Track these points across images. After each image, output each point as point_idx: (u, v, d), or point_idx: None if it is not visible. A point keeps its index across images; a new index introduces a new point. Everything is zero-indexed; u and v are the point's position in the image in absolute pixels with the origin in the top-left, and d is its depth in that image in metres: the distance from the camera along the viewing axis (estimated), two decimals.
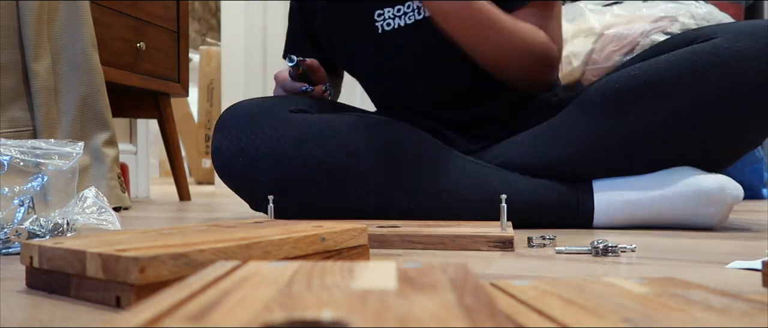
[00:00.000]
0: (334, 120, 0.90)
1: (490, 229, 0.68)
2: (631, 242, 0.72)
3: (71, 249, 0.40)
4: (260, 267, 0.30)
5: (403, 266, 0.30)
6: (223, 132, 0.88)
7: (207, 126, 3.63)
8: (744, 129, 0.84)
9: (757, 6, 2.28)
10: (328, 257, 0.51)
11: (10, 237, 0.63)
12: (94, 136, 1.37)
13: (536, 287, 0.31)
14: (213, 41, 4.41)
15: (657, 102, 0.83)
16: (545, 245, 0.67)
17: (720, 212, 0.83)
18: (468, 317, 0.20)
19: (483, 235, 0.64)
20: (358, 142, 0.88)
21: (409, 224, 0.75)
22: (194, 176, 3.74)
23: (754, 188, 1.83)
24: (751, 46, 0.80)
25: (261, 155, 0.86)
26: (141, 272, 0.35)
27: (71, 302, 0.39)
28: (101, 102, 1.37)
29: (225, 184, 0.93)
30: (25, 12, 1.24)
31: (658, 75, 0.83)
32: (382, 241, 0.66)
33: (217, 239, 0.44)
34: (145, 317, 0.20)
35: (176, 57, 1.85)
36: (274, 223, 0.61)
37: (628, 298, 0.28)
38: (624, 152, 0.86)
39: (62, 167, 0.68)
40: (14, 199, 0.65)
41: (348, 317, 0.19)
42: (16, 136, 1.23)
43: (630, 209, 0.86)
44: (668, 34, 1.64)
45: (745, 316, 0.25)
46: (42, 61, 1.26)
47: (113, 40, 1.59)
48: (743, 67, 0.79)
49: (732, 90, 0.80)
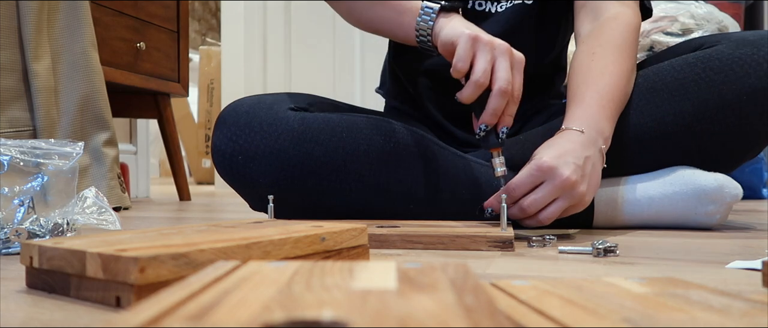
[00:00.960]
0: (334, 119, 0.90)
1: (490, 229, 0.68)
2: (631, 242, 0.72)
3: (71, 249, 0.40)
4: (260, 267, 0.30)
5: (403, 266, 0.30)
6: (222, 130, 0.88)
7: (207, 126, 3.63)
8: (744, 135, 0.84)
9: (757, 6, 2.28)
10: (328, 257, 0.51)
11: (10, 237, 0.63)
12: (94, 136, 1.37)
13: (536, 287, 0.31)
14: (213, 41, 4.41)
15: (659, 106, 0.84)
16: (546, 245, 0.67)
17: (719, 211, 0.83)
18: (468, 317, 0.20)
19: (483, 235, 0.64)
20: (357, 141, 0.88)
21: (409, 224, 0.75)
22: (194, 176, 3.74)
23: (754, 187, 1.83)
24: (752, 54, 0.82)
25: (260, 154, 0.86)
26: (141, 272, 0.35)
27: (71, 302, 0.39)
28: (101, 102, 1.37)
29: (225, 182, 0.93)
30: (25, 12, 1.24)
31: (661, 80, 0.85)
32: (382, 241, 0.66)
33: (217, 239, 0.44)
34: (145, 317, 0.20)
35: (176, 57, 1.85)
36: (274, 223, 0.61)
37: (628, 298, 0.28)
38: (625, 155, 0.86)
39: (62, 167, 0.68)
40: (14, 199, 0.65)
41: (348, 317, 0.19)
42: (16, 136, 1.23)
43: (630, 209, 0.86)
44: (668, 34, 1.64)
45: (745, 316, 0.25)
46: (42, 61, 1.27)
47: (113, 40, 1.59)
48: (744, 74, 0.81)
49: (733, 96, 0.81)
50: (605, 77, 0.82)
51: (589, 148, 0.75)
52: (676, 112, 0.83)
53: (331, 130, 0.89)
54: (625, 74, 0.84)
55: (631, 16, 0.89)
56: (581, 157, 0.72)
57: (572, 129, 0.76)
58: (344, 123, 0.90)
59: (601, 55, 0.84)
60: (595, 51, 0.85)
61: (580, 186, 0.71)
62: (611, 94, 0.81)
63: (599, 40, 0.86)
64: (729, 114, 0.82)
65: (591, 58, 0.85)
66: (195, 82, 3.41)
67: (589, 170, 0.73)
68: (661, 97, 0.84)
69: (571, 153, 0.72)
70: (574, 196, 0.71)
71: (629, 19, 0.88)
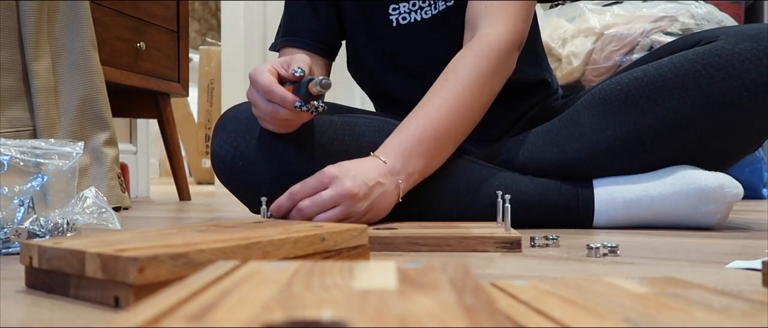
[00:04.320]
0: (335, 122, 0.90)
1: (495, 230, 0.67)
2: (631, 242, 0.72)
3: (70, 249, 0.39)
4: (260, 267, 0.30)
5: (403, 266, 0.30)
6: (222, 135, 0.88)
7: (207, 126, 3.63)
8: (744, 130, 0.84)
9: (757, 6, 2.28)
10: (328, 257, 0.51)
11: (10, 237, 0.63)
12: (94, 136, 1.37)
13: (536, 287, 0.31)
14: (213, 41, 4.41)
15: (659, 103, 0.84)
16: (548, 245, 0.67)
17: (720, 211, 0.83)
18: (468, 317, 0.20)
19: (490, 236, 0.63)
20: (359, 143, 0.88)
21: (408, 226, 0.74)
22: (194, 176, 3.74)
23: (754, 187, 1.83)
24: (752, 49, 0.81)
25: (260, 159, 0.86)
26: (140, 272, 0.35)
27: (70, 301, 0.39)
28: (101, 102, 1.37)
29: (225, 187, 0.93)
30: (25, 12, 1.24)
31: (661, 76, 0.84)
32: (387, 243, 0.64)
33: (217, 239, 0.43)
34: (145, 317, 0.20)
35: (176, 57, 1.85)
36: (274, 223, 0.61)
37: (628, 298, 0.28)
38: (626, 153, 0.86)
39: (62, 167, 0.68)
40: (14, 199, 0.64)
41: (348, 317, 0.19)
42: (16, 136, 1.23)
43: (630, 208, 0.86)
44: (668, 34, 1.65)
45: (745, 316, 0.25)
46: (42, 61, 1.26)
47: (113, 40, 1.59)
48: (744, 69, 0.81)
49: (733, 91, 0.81)
50: (440, 111, 0.81)
51: (385, 178, 0.76)
52: (677, 108, 0.83)
53: (332, 133, 0.88)
54: (468, 112, 0.83)
55: (499, 37, 0.85)
56: (372, 180, 0.74)
57: (378, 157, 0.78)
58: (345, 125, 0.90)
59: (449, 86, 0.83)
60: (448, 78, 0.84)
61: (361, 202, 0.73)
62: (438, 131, 0.80)
63: (456, 67, 0.84)
64: (730, 110, 0.82)
65: (440, 85, 0.84)
66: (195, 82, 3.40)
67: (376, 195, 0.75)
68: (662, 94, 0.84)
69: (363, 173, 0.74)
70: (353, 210, 0.72)
71: (495, 42, 0.85)
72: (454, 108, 0.82)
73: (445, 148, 0.83)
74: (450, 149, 0.85)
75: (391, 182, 0.77)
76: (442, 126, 0.81)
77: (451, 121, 0.82)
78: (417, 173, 0.80)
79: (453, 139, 0.84)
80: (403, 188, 0.79)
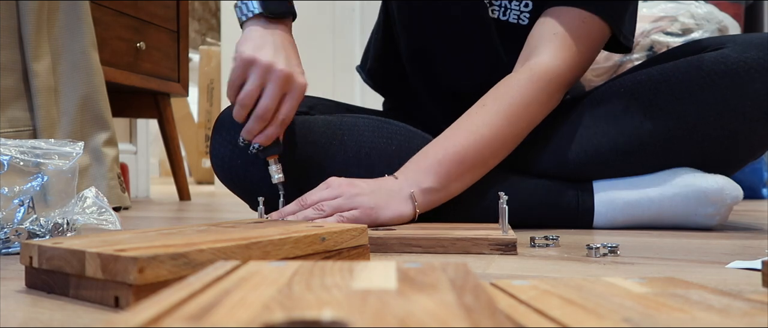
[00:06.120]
0: (334, 122, 0.90)
1: (491, 231, 0.67)
2: (631, 242, 0.72)
3: (70, 249, 0.39)
4: (260, 267, 0.30)
5: (403, 266, 0.30)
6: (221, 134, 0.88)
7: (207, 126, 3.63)
8: (748, 139, 0.84)
9: (757, 6, 2.28)
10: (328, 257, 0.51)
11: (10, 237, 0.63)
12: (94, 136, 1.37)
13: (536, 287, 0.31)
14: (213, 41, 4.41)
15: (662, 107, 0.83)
16: (548, 245, 0.67)
17: (719, 213, 0.83)
18: (468, 317, 0.20)
19: (485, 237, 0.63)
20: (359, 143, 0.88)
21: (405, 227, 0.73)
22: (194, 176, 3.74)
23: (754, 188, 1.83)
24: (758, 58, 0.80)
25: (260, 158, 0.86)
26: (140, 272, 0.35)
27: (70, 301, 0.39)
28: (101, 102, 1.37)
29: (224, 185, 0.93)
30: (25, 12, 1.24)
31: (665, 81, 0.84)
32: (379, 244, 0.64)
33: (217, 239, 0.43)
34: (145, 317, 0.20)
35: (176, 57, 1.85)
36: (274, 223, 0.61)
37: (628, 298, 0.28)
38: (627, 156, 0.86)
39: (62, 167, 0.68)
40: (14, 199, 0.64)
41: (348, 317, 0.19)
42: (16, 136, 1.23)
43: (630, 210, 0.86)
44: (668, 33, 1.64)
45: (745, 316, 0.25)
46: (42, 61, 1.26)
47: (113, 40, 1.59)
48: (749, 77, 0.80)
49: (738, 100, 0.80)
50: (470, 138, 0.79)
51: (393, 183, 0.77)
52: (680, 114, 0.83)
53: (331, 133, 0.88)
54: (500, 140, 0.80)
55: (557, 69, 0.83)
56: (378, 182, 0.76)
57: (393, 176, 0.79)
58: (345, 125, 0.90)
59: (487, 112, 0.81)
60: (486, 103, 0.82)
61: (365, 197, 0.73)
62: (461, 155, 0.78)
63: (499, 92, 0.82)
64: (734, 118, 0.81)
65: (478, 108, 0.82)
66: (195, 82, 3.40)
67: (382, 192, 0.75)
68: (665, 100, 0.83)
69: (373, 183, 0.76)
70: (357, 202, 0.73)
71: (551, 72, 0.82)
72: (486, 135, 0.79)
73: (468, 173, 0.80)
74: (477, 173, 0.82)
75: (401, 186, 0.77)
76: (468, 152, 0.79)
77: (479, 148, 0.79)
78: (435, 191, 0.78)
79: (480, 165, 0.81)
80: (421, 201, 0.77)
